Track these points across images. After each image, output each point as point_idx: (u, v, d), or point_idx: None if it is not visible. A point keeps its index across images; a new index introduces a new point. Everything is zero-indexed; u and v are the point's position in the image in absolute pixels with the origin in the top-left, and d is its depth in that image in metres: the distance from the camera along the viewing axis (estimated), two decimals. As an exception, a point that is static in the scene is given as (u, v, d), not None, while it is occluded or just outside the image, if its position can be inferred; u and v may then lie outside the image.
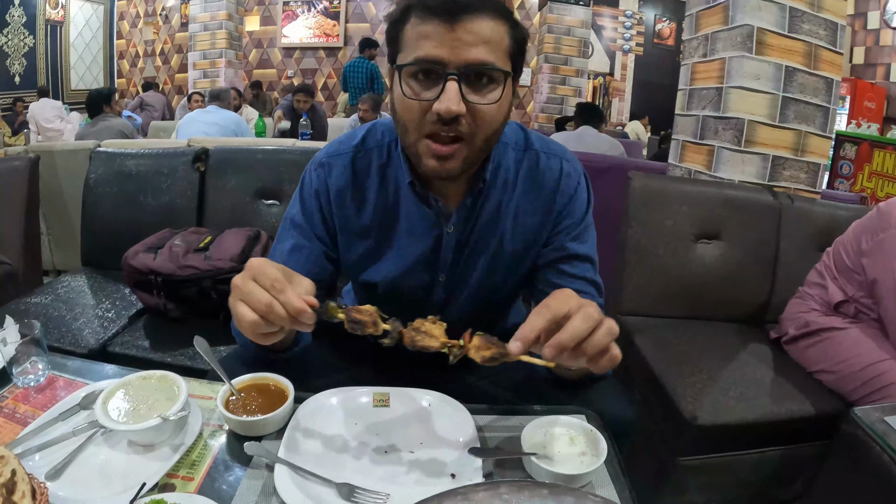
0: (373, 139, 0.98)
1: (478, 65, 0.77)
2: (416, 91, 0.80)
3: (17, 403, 0.85)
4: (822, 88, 2.11)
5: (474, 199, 0.94)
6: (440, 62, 0.77)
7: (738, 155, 2.12)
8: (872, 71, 6.51)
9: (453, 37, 0.76)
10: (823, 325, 1.54)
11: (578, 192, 0.98)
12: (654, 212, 1.82)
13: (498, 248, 0.97)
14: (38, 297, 1.74)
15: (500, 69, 0.79)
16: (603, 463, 0.71)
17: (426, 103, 0.79)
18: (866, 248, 1.48)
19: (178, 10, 9.18)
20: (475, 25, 0.76)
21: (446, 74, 0.77)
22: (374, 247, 0.99)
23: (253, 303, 0.67)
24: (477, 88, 0.79)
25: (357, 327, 0.70)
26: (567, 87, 5.97)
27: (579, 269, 0.98)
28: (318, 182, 0.98)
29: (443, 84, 0.77)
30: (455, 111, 0.76)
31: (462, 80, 0.77)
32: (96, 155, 2.07)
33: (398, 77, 0.81)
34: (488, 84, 0.79)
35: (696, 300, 1.85)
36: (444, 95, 0.77)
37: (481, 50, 0.77)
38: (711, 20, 2.24)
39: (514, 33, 0.82)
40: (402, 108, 0.82)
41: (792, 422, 1.39)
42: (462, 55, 0.76)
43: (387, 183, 0.96)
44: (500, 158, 0.95)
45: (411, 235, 0.97)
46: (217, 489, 0.68)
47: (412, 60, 0.78)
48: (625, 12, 9.43)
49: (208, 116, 3.86)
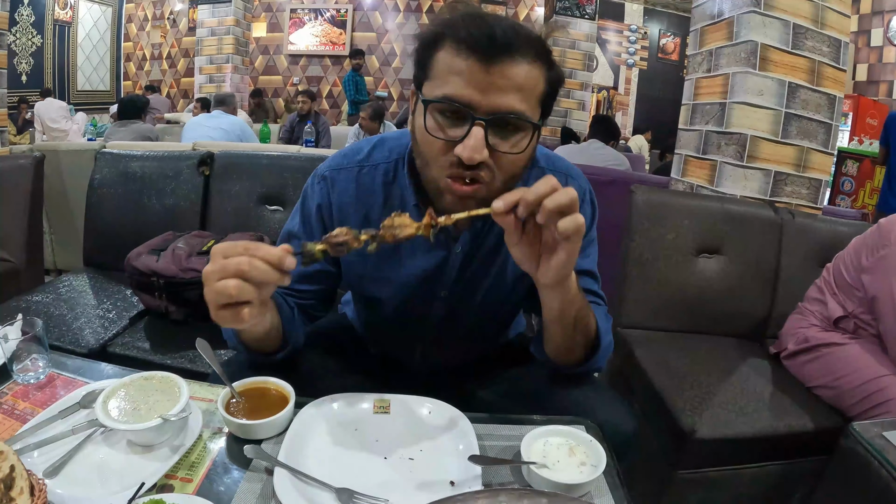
0: (380, 155, 0.96)
1: (507, 112, 0.74)
2: (439, 128, 0.77)
3: (17, 400, 0.85)
4: (824, 105, 2.12)
5: (483, 222, 0.93)
6: (469, 105, 0.73)
7: (740, 170, 2.13)
8: (875, 88, 6.54)
9: (487, 79, 0.73)
10: (823, 341, 1.54)
11: (584, 208, 0.97)
12: (657, 225, 1.82)
13: (502, 267, 0.97)
14: (40, 295, 1.74)
15: (530, 120, 0.76)
16: (602, 473, 0.71)
17: (449, 143, 0.76)
18: (866, 264, 1.49)
19: (186, 15, 9.23)
20: (511, 70, 0.73)
21: (473, 119, 0.73)
22: (378, 264, 0.98)
23: (231, 268, 0.64)
24: (503, 136, 0.76)
25: (342, 249, 0.70)
26: (571, 100, 5.99)
27: (581, 283, 0.98)
28: (321, 196, 0.96)
29: (469, 128, 0.74)
30: (478, 160, 0.74)
31: (489, 126, 0.74)
32: (101, 156, 2.07)
33: (423, 108, 0.78)
34: (515, 132, 0.77)
35: (697, 314, 1.85)
36: (468, 140, 0.73)
37: (514, 98, 0.74)
38: (716, 36, 2.26)
39: (550, 76, 0.79)
40: (423, 140, 0.79)
41: (791, 436, 1.39)
42: (493, 101, 0.73)
43: (392, 201, 0.94)
44: None
45: (416, 254, 0.95)
46: (215, 491, 0.68)
47: (440, 97, 0.75)
48: (629, 27, 9.48)
49: (213, 121, 3.88)
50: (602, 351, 0.91)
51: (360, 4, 8.84)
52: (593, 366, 0.93)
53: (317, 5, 8.90)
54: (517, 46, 0.73)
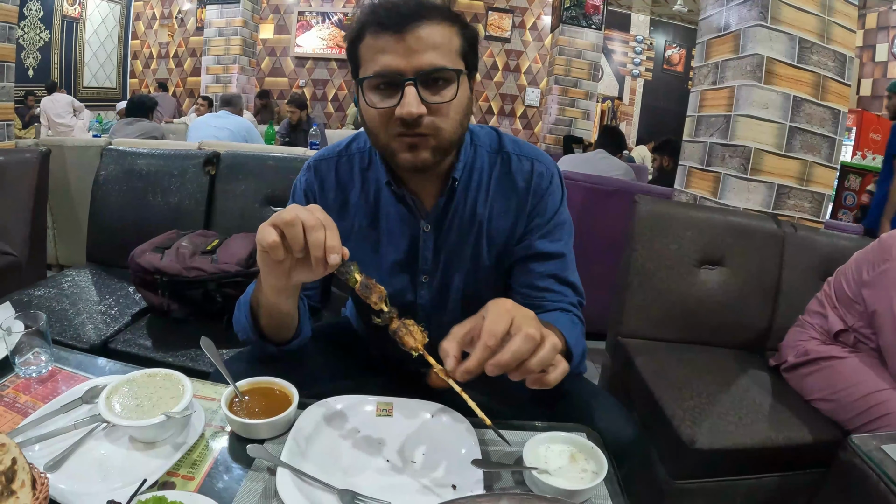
0: (356, 144, 1.04)
1: (430, 69, 0.83)
2: (379, 100, 0.85)
3: (18, 393, 0.85)
4: (828, 119, 2.13)
5: (448, 196, 0.98)
6: (397, 71, 0.82)
7: (743, 182, 2.13)
8: (879, 103, 6.55)
9: (405, 46, 0.82)
10: (823, 354, 1.54)
11: (550, 190, 1.01)
12: (659, 236, 1.83)
13: (476, 250, 1.01)
14: (42, 289, 1.74)
15: (452, 69, 0.85)
16: (603, 481, 0.71)
17: (390, 110, 0.84)
18: (867, 278, 1.49)
19: (194, 14, 9.28)
20: (423, 33, 0.82)
21: (403, 81, 0.82)
22: (358, 248, 1.00)
23: (304, 216, 0.70)
24: (433, 90, 0.85)
25: (366, 293, 0.76)
26: (576, 109, 6.01)
27: (548, 268, 1.00)
28: (307, 183, 1.04)
29: (402, 91, 0.83)
30: (416, 113, 0.82)
31: (419, 84, 0.82)
32: (107, 152, 2.08)
33: (362, 90, 0.87)
34: (443, 84, 0.85)
35: (697, 325, 1.85)
36: (403, 101, 0.82)
37: (432, 55, 0.83)
38: (722, 48, 2.27)
39: (465, 33, 0.88)
40: (369, 117, 0.88)
41: (789, 449, 1.39)
42: (415, 62, 0.82)
43: (367, 185, 1.01)
44: (473, 160, 1.00)
45: (391, 236, 1.01)
46: (217, 490, 0.68)
47: (372, 74, 0.84)
48: (635, 37, 9.52)
49: (220, 121, 3.89)
50: (574, 363, 0.89)
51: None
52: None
53: (325, 8, 8.95)
54: (423, 13, 0.82)
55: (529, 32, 9.01)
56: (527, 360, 0.66)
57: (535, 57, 9.07)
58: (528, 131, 9.14)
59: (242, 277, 1.56)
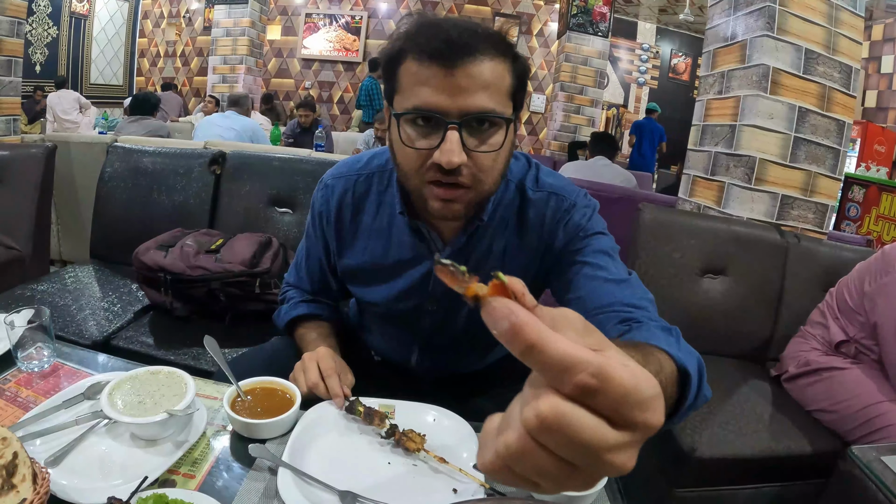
0: (377, 163, 0.98)
1: (478, 112, 0.74)
2: (414, 138, 0.77)
3: (20, 388, 0.85)
4: (833, 130, 2.13)
5: (469, 237, 0.92)
6: (439, 111, 0.73)
7: (747, 192, 2.13)
8: (884, 115, 6.55)
9: (452, 83, 0.72)
10: (824, 365, 1.54)
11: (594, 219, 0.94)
12: (663, 244, 1.82)
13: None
14: (45, 284, 1.75)
15: (502, 116, 0.76)
16: (603, 487, 0.71)
17: (427, 152, 0.76)
18: (869, 290, 1.49)
19: (202, 14, 9.31)
20: (474, 69, 0.72)
21: (446, 124, 0.73)
22: (368, 270, 0.99)
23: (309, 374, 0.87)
24: (479, 136, 0.76)
25: (369, 420, 0.81)
26: (581, 116, 6.01)
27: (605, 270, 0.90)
28: (321, 203, 1.00)
29: (443, 133, 0.74)
30: (457, 162, 0.74)
31: (463, 128, 0.74)
32: (113, 149, 2.09)
33: (396, 121, 0.78)
34: (489, 129, 0.76)
35: (700, 334, 1.85)
36: (444, 146, 0.73)
37: (482, 97, 0.73)
38: (728, 58, 2.27)
39: (515, 69, 0.78)
40: (401, 154, 0.80)
41: (789, 458, 1.39)
42: (462, 103, 0.73)
43: (382, 209, 0.96)
44: (503, 195, 0.92)
45: (402, 265, 0.96)
46: (218, 489, 0.68)
47: (410, 109, 0.75)
48: (642, 45, 9.52)
49: (226, 121, 3.89)
50: (692, 383, 0.62)
51: (374, 12, 8.91)
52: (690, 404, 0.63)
53: (332, 11, 8.97)
54: (476, 46, 0.73)
55: (536, 39, 9.02)
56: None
57: (541, 63, 9.07)
58: (533, 137, 9.15)
59: (246, 277, 1.56)
